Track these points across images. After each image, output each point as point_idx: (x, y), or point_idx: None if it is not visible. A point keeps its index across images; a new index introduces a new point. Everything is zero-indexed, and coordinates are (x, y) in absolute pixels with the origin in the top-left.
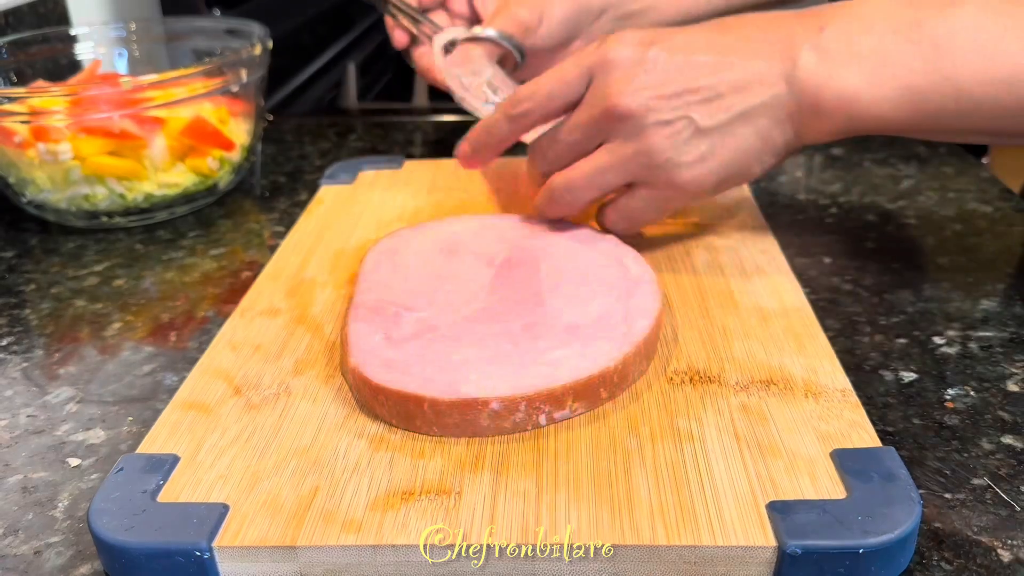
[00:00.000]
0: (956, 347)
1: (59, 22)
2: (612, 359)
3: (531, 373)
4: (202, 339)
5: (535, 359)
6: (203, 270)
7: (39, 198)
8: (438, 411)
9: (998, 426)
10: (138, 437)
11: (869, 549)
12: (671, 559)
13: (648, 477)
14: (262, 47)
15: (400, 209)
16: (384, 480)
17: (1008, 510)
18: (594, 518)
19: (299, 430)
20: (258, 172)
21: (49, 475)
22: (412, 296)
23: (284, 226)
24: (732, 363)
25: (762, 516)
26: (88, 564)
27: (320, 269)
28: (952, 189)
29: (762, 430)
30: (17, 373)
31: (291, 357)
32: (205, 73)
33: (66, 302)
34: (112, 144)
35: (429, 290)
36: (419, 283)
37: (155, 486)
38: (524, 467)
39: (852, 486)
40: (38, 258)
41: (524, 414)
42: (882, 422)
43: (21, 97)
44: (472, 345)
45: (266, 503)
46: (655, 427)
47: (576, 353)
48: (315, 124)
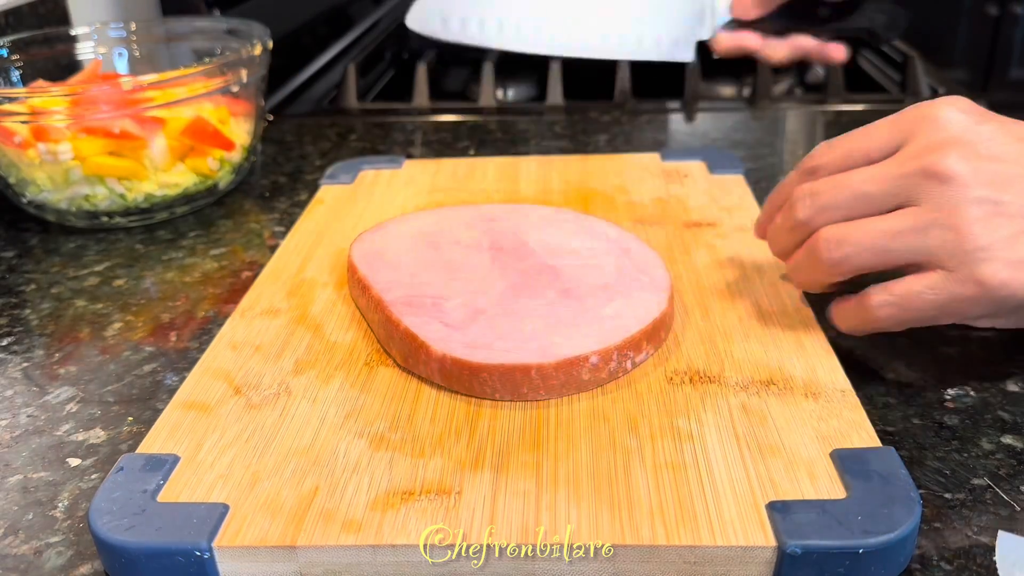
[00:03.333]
0: (956, 347)
1: (59, 22)
2: (662, 302)
3: (603, 328)
4: (202, 339)
5: (595, 316)
6: (203, 270)
7: (39, 198)
8: (544, 375)
9: (998, 426)
10: (138, 437)
11: (869, 549)
12: (671, 559)
13: (648, 477)
14: (262, 47)
15: (400, 209)
16: (384, 480)
17: (1008, 510)
18: (594, 518)
19: (299, 430)
20: (258, 172)
21: (49, 475)
22: (434, 287)
23: (284, 226)
24: (732, 363)
25: (762, 516)
26: (88, 564)
27: (320, 269)
28: None
29: (762, 430)
30: (17, 373)
31: (291, 357)
32: (205, 73)
33: (66, 302)
34: (112, 144)
35: (443, 280)
36: (430, 276)
37: (155, 486)
38: (524, 467)
39: (852, 486)
40: (38, 258)
41: (616, 362)
42: (882, 422)
43: (21, 97)
44: (528, 316)
45: (266, 503)
46: (655, 427)
47: (626, 304)
48: (315, 124)
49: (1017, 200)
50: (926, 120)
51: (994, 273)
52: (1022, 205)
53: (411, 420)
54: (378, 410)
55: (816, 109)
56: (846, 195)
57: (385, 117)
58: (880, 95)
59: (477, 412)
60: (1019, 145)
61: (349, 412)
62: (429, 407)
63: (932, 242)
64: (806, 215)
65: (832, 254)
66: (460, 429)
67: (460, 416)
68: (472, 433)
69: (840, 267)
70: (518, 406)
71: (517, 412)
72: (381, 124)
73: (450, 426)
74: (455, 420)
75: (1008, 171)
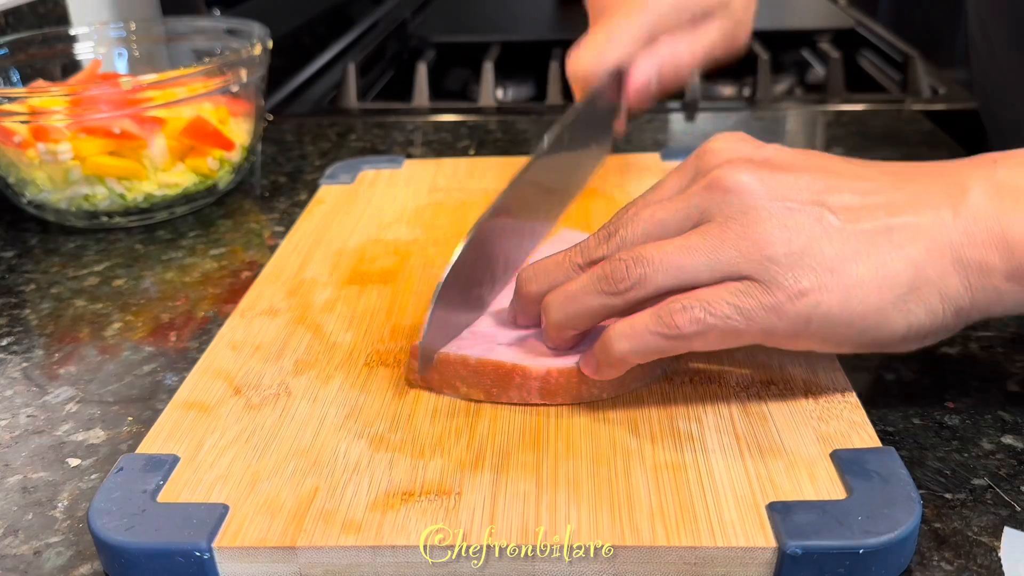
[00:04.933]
0: (956, 347)
1: (59, 22)
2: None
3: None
4: (202, 339)
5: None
6: (203, 270)
7: (39, 198)
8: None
9: (998, 426)
10: (138, 437)
11: (869, 549)
12: (671, 560)
13: (648, 477)
14: (262, 47)
15: (400, 209)
16: (384, 480)
17: (1008, 510)
18: (594, 518)
19: (299, 430)
20: (258, 172)
21: (49, 475)
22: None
23: (284, 226)
24: (732, 363)
25: (762, 517)
26: (88, 564)
27: (320, 269)
28: None
29: (762, 430)
30: (17, 373)
31: (291, 357)
32: (205, 73)
33: (66, 302)
34: (112, 144)
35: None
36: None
37: (155, 486)
38: (524, 467)
39: (852, 486)
40: (38, 258)
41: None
42: (882, 422)
43: (21, 97)
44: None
45: (266, 503)
46: (655, 427)
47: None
48: (315, 124)
49: (809, 200)
50: (706, 153)
51: (790, 285)
52: (818, 204)
53: (411, 420)
54: (378, 410)
55: (816, 109)
56: (640, 227)
57: (385, 117)
58: (880, 95)
59: (477, 412)
60: (801, 156)
61: (349, 412)
62: (429, 407)
63: (728, 256)
64: (600, 254)
65: (631, 272)
66: (460, 429)
67: (460, 416)
68: (472, 433)
69: (639, 288)
70: (518, 406)
71: (517, 412)
72: (381, 124)
73: (450, 426)
74: (455, 420)
75: (806, 178)
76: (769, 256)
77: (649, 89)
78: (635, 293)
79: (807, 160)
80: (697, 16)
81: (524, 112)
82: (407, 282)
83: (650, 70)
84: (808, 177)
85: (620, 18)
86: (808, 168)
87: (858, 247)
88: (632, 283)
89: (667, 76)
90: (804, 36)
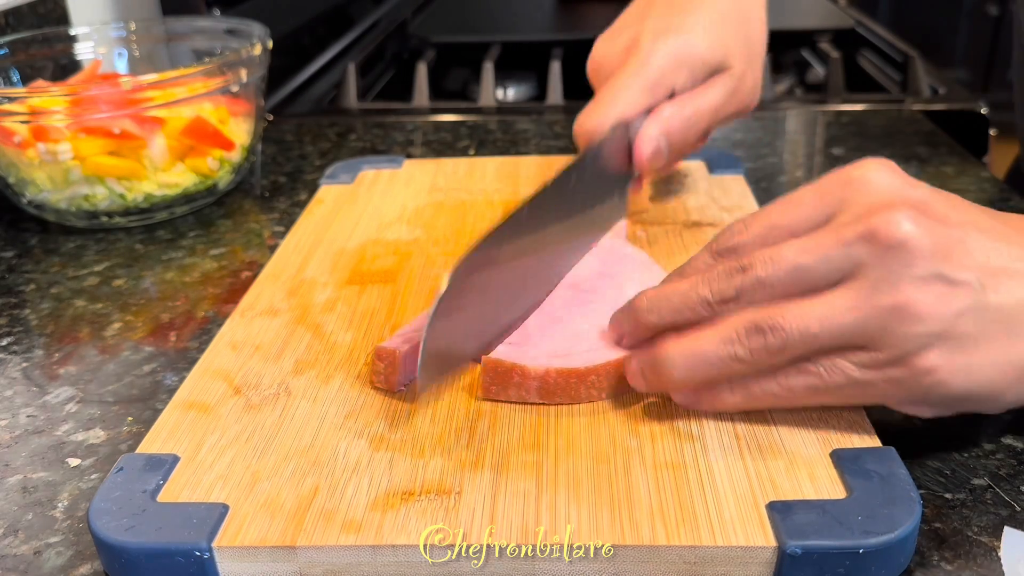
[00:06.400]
0: None
1: (59, 22)
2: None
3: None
4: (202, 339)
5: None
6: (203, 270)
7: (39, 198)
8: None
9: (998, 426)
10: (138, 437)
11: (869, 549)
12: (671, 559)
13: (648, 477)
14: (262, 47)
15: (400, 209)
16: (384, 480)
17: (1008, 510)
18: (594, 518)
19: (299, 430)
20: (258, 172)
21: (49, 475)
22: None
23: (284, 226)
24: None
25: (762, 516)
26: (88, 564)
27: (320, 269)
28: (952, 188)
29: (762, 430)
30: (17, 373)
31: (291, 357)
32: (205, 73)
33: (66, 302)
34: (112, 144)
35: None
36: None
37: (155, 486)
38: (524, 467)
39: (852, 486)
40: (38, 258)
41: None
42: (882, 422)
43: (21, 97)
44: (570, 320)
45: (266, 503)
46: (655, 427)
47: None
48: (315, 124)
49: (970, 274)
50: (856, 183)
51: (931, 361)
52: (977, 279)
53: (411, 420)
54: (378, 410)
55: (816, 109)
56: (782, 273)
57: (385, 117)
58: (880, 95)
59: (477, 412)
60: (958, 206)
61: (349, 412)
62: (429, 407)
63: (874, 323)
64: (733, 292)
65: (769, 342)
66: (460, 429)
67: (460, 416)
68: (472, 433)
69: (775, 357)
70: (518, 406)
71: (517, 412)
72: (381, 124)
73: (450, 426)
74: (455, 420)
75: (967, 244)
76: (914, 334)
77: (660, 153)
78: (768, 361)
79: (965, 213)
80: (697, 72)
81: (524, 112)
82: (407, 282)
83: (655, 133)
84: (972, 239)
85: (621, 75)
86: (963, 224)
87: (997, 328)
88: (771, 356)
89: (676, 137)
90: (804, 36)
